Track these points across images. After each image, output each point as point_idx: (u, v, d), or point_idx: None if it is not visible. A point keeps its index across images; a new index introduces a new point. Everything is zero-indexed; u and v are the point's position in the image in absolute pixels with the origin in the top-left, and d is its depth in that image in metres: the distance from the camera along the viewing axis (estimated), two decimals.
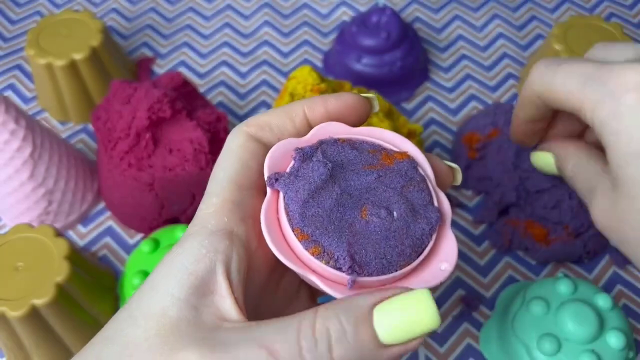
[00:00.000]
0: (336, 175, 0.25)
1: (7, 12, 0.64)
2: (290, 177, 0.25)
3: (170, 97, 0.44)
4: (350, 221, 0.25)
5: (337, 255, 0.24)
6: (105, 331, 0.25)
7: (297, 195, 0.25)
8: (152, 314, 0.24)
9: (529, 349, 0.38)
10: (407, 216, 0.25)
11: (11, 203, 0.46)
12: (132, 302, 0.25)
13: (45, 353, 0.41)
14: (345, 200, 0.25)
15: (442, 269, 0.25)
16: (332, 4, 0.65)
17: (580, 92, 0.31)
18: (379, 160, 0.27)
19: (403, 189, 0.26)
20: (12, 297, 0.38)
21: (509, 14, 0.63)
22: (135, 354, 0.23)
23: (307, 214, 0.24)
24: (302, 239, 0.24)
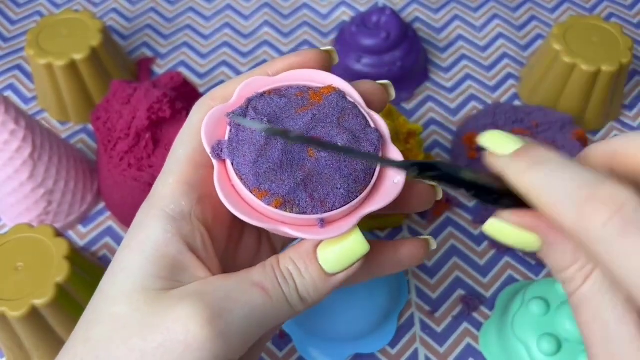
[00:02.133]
0: (275, 127, 0.26)
1: (7, 12, 0.64)
2: (232, 143, 0.26)
3: (170, 97, 0.44)
4: (301, 164, 0.26)
5: (298, 201, 0.25)
6: (85, 316, 0.26)
7: (245, 159, 0.26)
8: (133, 291, 0.25)
9: (528, 348, 0.38)
10: (351, 143, 0.26)
11: (11, 203, 0.46)
12: (103, 286, 0.26)
13: (45, 353, 0.41)
14: (290, 147, 0.26)
15: (395, 182, 0.27)
16: (332, 4, 0.65)
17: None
18: (308, 100, 0.27)
19: (339, 120, 0.27)
20: (12, 297, 0.38)
21: (508, 14, 0.63)
22: (128, 325, 0.24)
23: (260, 173, 0.25)
24: (262, 197, 0.25)
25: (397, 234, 0.49)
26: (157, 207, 0.26)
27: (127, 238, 0.26)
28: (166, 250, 0.26)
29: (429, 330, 0.44)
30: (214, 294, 0.25)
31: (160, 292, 0.25)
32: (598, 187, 0.19)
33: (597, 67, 0.50)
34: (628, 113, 0.56)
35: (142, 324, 0.24)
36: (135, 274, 0.25)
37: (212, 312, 0.24)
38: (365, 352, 0.42)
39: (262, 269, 0.26)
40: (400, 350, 0.43)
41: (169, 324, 0.24)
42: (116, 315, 0.25)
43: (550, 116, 0.50)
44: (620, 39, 0.52)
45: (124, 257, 0.26)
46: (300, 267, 0.26)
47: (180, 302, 0.24)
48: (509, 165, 0.23)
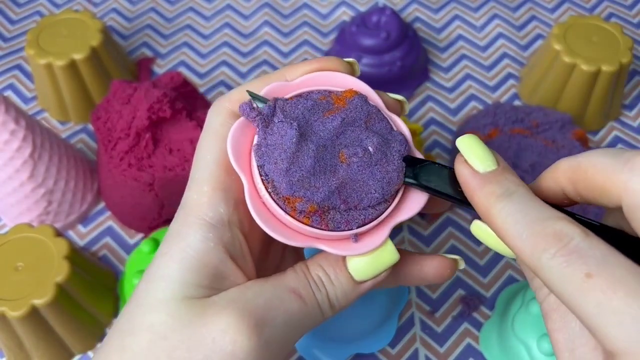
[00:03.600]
0: (304, 131, 0.26)
1: (7, 12, 0.64)
2: (261, 148, 0.26)
3: (170, 97, 0.44)
4: (333, 170, 0.26)
5: (332, 207, 0.25)
6: (119, 325, 0.25)
7: (277, 167, 0.25)
8: (173, 299, 0.24)
9: (529, 349, 0.38)
10: (382, 146, 0.26)
11: (11, 203, 0.46)
12: (139, 294, 0.25)
13: (45, 353, 0.41)
14: (322, 153, 0.26)
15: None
16: (332, 4, 0.65)
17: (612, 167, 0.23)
18: (333, 104, 0.27)
19: (367, 123, 0.27)
20: (12, 297, 0.38)
21: (508, 14, 0.63)
22: (169, 336, 0.24)
23: (293, 181, 0.25)
24: (295, 204, 0.25)
25: (397, 234, 0.49)
26: (195, 216, 0.26)
27: (164, 246, 0.26)
28: (208, 259, 0.25)
29: (429, 330, 0.44)
30: (255, 301, 0.25)
31: (201, 300, 0.25)
32: (550, 223, 0.22)
33: (597, 67, 0.50)
34: (628, 113, 0.56)
35: (184, 334, 0.24)
36: (175, 282, 0.25)
37: (256, 321, 0.24)
38: (365, 352, 0.42)
39: (294, 274, 0.27)
40: (400, 350, 0.43)
41: (215, 334, 0.24)
42: (155, 324, 0.24)
43: (550, 116, 0.50)
44: (620, 39, 0.52)
45: (162, 266, 0.25)
46: (330, 274, 0.27)
47: (223, 311, 0.24)
48: (478, 188, 0.24)
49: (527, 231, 0.22)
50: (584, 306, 0.20)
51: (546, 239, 0.21)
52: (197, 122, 0.45)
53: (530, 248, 0.22)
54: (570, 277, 0.20)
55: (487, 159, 0.24)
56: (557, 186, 0.25)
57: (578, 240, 0.21)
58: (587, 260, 0.20)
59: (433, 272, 0.30)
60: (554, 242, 0.21)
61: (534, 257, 0.21)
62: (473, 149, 0.25)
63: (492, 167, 0.24)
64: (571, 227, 0.21)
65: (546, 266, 0.21)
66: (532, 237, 0.22)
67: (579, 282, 0.20)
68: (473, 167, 0.24)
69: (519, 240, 0.22)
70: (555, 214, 0.22)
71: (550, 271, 0.21)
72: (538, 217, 0.22)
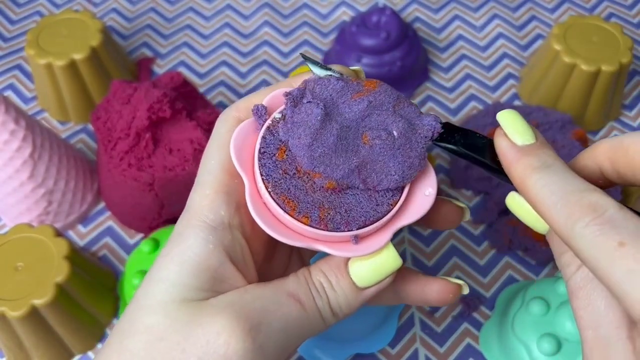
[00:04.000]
0: (330, 112, 0.26)
1: (7, 12, 0.64)
2: (287, 124, 0.26)
3: (170, 97, 0.44)
4: (355, 150, 0.26)
5: (351, 184, 0.26)
6: (119, 325, 0.26)
7: (300, 142, 0.26)
8: (171, 301, 0.25)
9: (529, 349, 0.38)
10: (407, 131, 0.26)
11: (11, 203, 0.46)
12: (139, 296, 0.25)
13: (45, 353, 0.41)
14: (345, 133, 0.26)
15: (426, 194, 0.27)
16: (332, 4, 0.65)
17: None
18: (363, 86, 0.27)
19: (395, 107, 0.27)
20: (12, 297, 0.38)
21: (508, 14, 0.63)
22: (166, 338, 0.24)
23: (314, 156, 0.25)
24: (315, 178, 0.25)
25: (397, 234, 0.49)
26: (197, 218, 0.26)
27: (166, 249, 0.26)
28: (208, 261, 0.25)
29: (429, 330, 0.44)
30: (252, 305, 0.25)
31: (198, 302, 0.25)
32: (586, 195, 0.22)
33: (597, 67, 0.50)
34: (628, 113, 0.56)
35: (180, 335, 0.24)
36: (174, 284, 0.25)
37: (252, 324, 0.24)
38: (365, 352, 0.42)
39: (295, 280, 0.27)
40: (400, 350, 0.43)
41: (209, 336, 0.24)
42: (153, 326, 0.24)
43: (550, 116, 0.50)
44: (620, 39, 0.52)
45: (162, 268, 0.25)
46: (331, 280, 0.27)
47: (219, 313, 0.24)
48: (516, 160, 0.24)
49: (562, 201, 0.22)
50: (614, 273, 0.20)
51: (581, 209, 0.22)
52: (197, 122, 0.45)
53: (565, 218, 0.22)
54: (603, 245, 0.21)
55: (526, 133, 0.25)
56: (595, 165, 0.25)
57: (612, 212, 0.21)
58: (620, 230, 0.21)
59: (435, 295, 0.30)
60: (589, 212, 0.21)
61: (567, 227, 0.22)
62: (513, 123, 0.25)
63: (530, 140, 0.25)
64: (606, 199, 0.22)
65: (579, 235, 0.21)
66: (566, 206, 0.22)
67: (610, 250, 0.20)
68: (512, 140, 0.25)
69: (554, 210, 0.22)
70: (591, 187, 0.22)
71: (582, 240, 0.21)
72: (574, 189, 0.22)
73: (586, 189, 0.22)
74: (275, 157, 0.26)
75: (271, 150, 0.26)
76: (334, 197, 0.26)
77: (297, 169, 0.26)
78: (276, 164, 0.26)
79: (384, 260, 0.26)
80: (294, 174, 0.26)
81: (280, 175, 0.26)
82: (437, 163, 0.53)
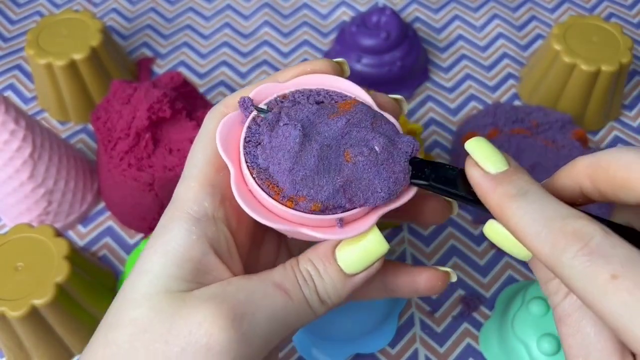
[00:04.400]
0: (309, 132, 0.26)
1: (7, 12, 0.64)
2: (266, 150, 0.26)
3: (170, 97, 0.44)
4: (339, 169, 0.26)
5: (337, 205, 0.25)
6: (106, 319, 0.26)
7: (280, 167, 0.25)
8: (155, 293, 0.25)
9: (528, 348, 0.38)
10: (388, 146, 0.26)
11: (11, 203, 0.46)
12: (125, 289, 0.26)
13: (45, 353, 0.41)
14: (326, 152, 0.26)
15: None
16: (332, 4, 0.65)
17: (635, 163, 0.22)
18: (338, 107, 0.27)
19: (373, 124, 0.27)
20: (12, 297, 0.38)
21: (508, 14, 0.63)
22: (149, 329, 0.24)
23: (296, 180, 0.25)
24: (299, 202, 0.25)
25: (397, 234, 0.49)
26: (181, 210, 0.26)
27: (150, 241, 0.26)
28: (191, 252, 0.25)
29: (429, 330, 0.44)
30: (236, 296, 0.25)
31: (182, 293, 0.25)
32: (569, 222, 0.21)
33: (597, 67, 0.50)
34: (628, 113, 0.56)
35: (163, 327, 0.24)
36: (158, 276, 0.25)
37: (235, 314, 0.24)
38: (365, 352, 0.42)
39: (282, 270, 0.26)
40: (400, 350, 0.43)
41: (191, 327, 0.24)
42: (137, 318, 0.24)
43: (550, 116, 0.50)
44: (620, 39, 0.52)
45: (147, 260, 0.26)
46: (319, 267, 0.27)
47: (202, 304, 0.24)
48: (491, 190, 0.24)
49: (546, 229, 0.21)
50: (609, 307, 0.19)
51: (566, 237, 0.21)
52: (197, 122, 0.45)
53: (550, 247, 0.21)
54: (594, 277, 0.20)
55: (497, 160, 0.24)
56: (574, 184, 0.24)
57: (599, 239, 0.20)
58: (610, 259, 0.20)
59: (424, 284, 0.30)
60: (575, 241, 0.21)
61: (553, 256, 0.21)
62: (482, 151, 0.24)
63: (503, 167, 0.24)
64: (591, 225, 0.21)
65: (567, 266, 0.21)
66: (551, 235, 0.21)
67: (603, 283, 0.20)
68: (484, 169, 0.24)
69: (537, 239, 0.22)
70: (573, 212, 0.22)
71: (571, 271, 0.20)
72: (556, 215, 0.22)
73: (569, 215, 0.22)
74: (259, 145, 0.26)
75: (256, 138, 0.26)
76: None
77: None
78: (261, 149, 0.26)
79: (370, 244, 0.26)
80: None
81: (264, 161, 0.26)
82: None
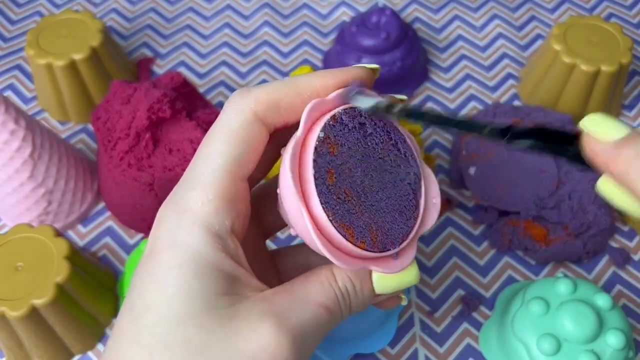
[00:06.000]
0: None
1: (7, 12, 0.64)
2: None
3: (170, 97, 0.44)
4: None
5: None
6: (111, 336, 0.25)
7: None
8: (200, 313, 0.23)
9: (528, 348, 0.38)
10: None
11: (11, 203, 0.46)
12: (153, 308, 0.24)
13: (45, 353, 0.41)
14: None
15: (434, 202, 0.29)
16: (332, 4, 0.65)
17: None
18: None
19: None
20: (12, 297, 0.38)
21: (508, 14, 0.63)
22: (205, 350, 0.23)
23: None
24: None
25: None
26: (199, 225, 0.24)
27: (168, 257, 0.24)
28: (222, 267, 0.24)
29: (428, 330, 0.44)
30: (288, 316, 0.24)
31: (227, 310, 0.24)
32: None
33: (597, 67, 0.50)
34: (628, 113, 0.56)
35: (220, 349, 0.23)
36: (195, 295, 0.23)
37: (294, 336, 0.24)
38: (365, 352, 0.42)
39: (321, 287, 0.27)
40: (400, 350, 0.43)
41: (255, 351, 0.23)
42: (188, 339, 0.23)
43: (550, 116, 0.50)
44: (620, 39, 0.52)
45: (165, 272, 0.24)
46: (356, 285, 0.27)
47: (259, 325, 0.24)
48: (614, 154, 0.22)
49: None
50: None
51: None
52: (197, 122, 0.45)
53: None
54: None
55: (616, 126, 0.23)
56: None
57: None
58: None
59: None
60: None
61: None
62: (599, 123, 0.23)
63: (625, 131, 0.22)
64: None
65: None
66: None
67: None
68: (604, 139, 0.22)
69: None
70: None
71: None
72: None
73: None
74: (327, 181, 0.25)
75: (322, 174, 0.25)
76: (377, 217, 0.26)
77: (345, 192, 0.25)
78: (329, 189, 0.25)
79: (407, 275, 0.27)
80: (345, 198, 0.25)
81: (335, 200, 0.25)
82: (437, 163, 0.53)
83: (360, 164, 0.26)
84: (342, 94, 0.27)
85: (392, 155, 0.28)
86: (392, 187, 0.27)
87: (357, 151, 0.26)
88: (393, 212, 0.27)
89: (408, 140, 0.29)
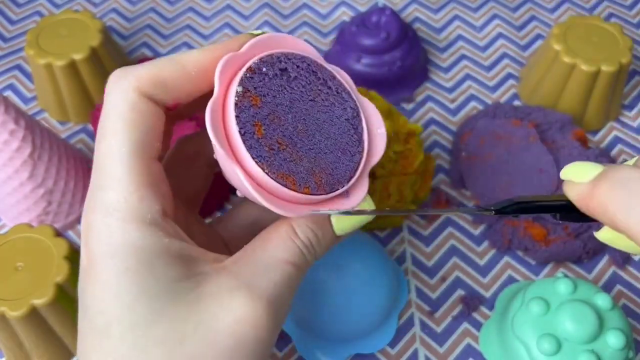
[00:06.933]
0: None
1: (7, 12, 0.64)
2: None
3: None
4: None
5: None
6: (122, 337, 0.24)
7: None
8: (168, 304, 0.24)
9: (528, 348, 0.38)
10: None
11: (11, 203, 0.46)
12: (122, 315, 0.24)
13: (45, 353, 0.41)
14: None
15: (379, 132, 0.29)
16: (332, 4, 0.65)
17: None
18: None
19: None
20: (12, 297, 0.38)
21: (508, 14, 0.63)
22: (184, 338, 0.23)
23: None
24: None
25: (397, 234, 0.49)
26: (130, 220, 0.24)
27: (112, 265, 0.23)
28: (171, 254, 0.24)
29: (428, 330, 0.44)
30: (257, 283, 0.25)
31: (194, 294, 0.24)
32: None
33: (597, 67, 0.50)
34: (628, 113, 0.56)
35: (198, 334, 0.23)
36: (153, 291, 0.23)
37: (268, 302, 0.24)
38: (365, 352, 0.42)
39: (283, 244, 0.26)
40: (400, 350, 0.43)
41: (234, 327, 0.24)
42: (162, 337, 0.23)
43: (550, 116, 0.50)
44: (620, 39, 0.52)
45: (123, 283, 0.23)
46: (318, 233, 0.27)
47: (231, 301, 0.24)
48: (591, 192, 0.24)
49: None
50: None
51: None
52: (197, 122, 0.45)
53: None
54: None
55: (590, 167, 0.25)
56: None
57: None
58: None
59: None
60: None
61: None
62: (575, 169, 0.26)
63: (598, 169, 0.24)
64: None
65: None
66: None
67: None
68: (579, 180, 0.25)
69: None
70: None
71: None
72: None
73: None
74: (255, 135, 0.25)
75: (248, 128, 0.25)
76: (319, 159, 0.26)
77: (278, 141, 0.26)
78: (259, 142, 0.25)
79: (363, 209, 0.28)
80: (279, 148, 0.25)
81: (268, 152, 0.25)
82: (437, 163, 0.52)
83: (290, 110, 0.26)
84: (255, 43, 0.26)
85: (324, 95, 0.27)
86: (329, 127, 0.27)
87: (284, 98, 0.26)
88: (335, 151, 0.27)
89: (338, 76, 0.28)
